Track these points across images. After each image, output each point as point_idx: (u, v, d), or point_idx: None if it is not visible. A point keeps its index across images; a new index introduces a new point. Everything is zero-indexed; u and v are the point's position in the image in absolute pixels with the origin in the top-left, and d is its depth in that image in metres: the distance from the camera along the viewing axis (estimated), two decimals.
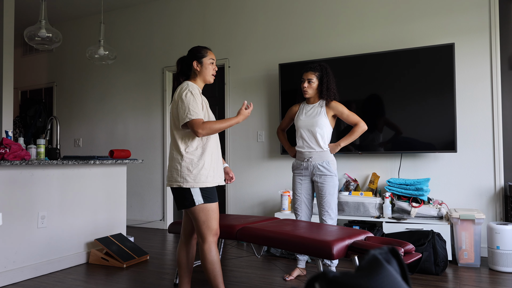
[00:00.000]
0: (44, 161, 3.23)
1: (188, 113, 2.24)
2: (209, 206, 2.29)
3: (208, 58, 2.41)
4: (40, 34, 3.84)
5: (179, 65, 2.46)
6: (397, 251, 0.59)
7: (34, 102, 6.45)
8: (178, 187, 2.30)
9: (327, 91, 3.07)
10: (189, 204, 2.28)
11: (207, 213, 2.29)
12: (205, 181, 2.29)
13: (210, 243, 2.30)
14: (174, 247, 4.29)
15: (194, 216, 2.30)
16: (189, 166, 2.28)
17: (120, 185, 4.05)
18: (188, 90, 2.29)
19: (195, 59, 2.40)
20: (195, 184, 2.27)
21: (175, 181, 2.30)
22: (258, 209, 4.79)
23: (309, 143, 3.07)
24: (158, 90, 5.55)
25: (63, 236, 3.48)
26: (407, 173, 4.04)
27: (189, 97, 2.27)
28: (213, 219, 2.30)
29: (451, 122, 3.73)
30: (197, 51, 2.41)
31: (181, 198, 2.31)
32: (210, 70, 2.42)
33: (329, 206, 3.02)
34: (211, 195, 2.31)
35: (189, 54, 2.44)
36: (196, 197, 2.27)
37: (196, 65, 2.39)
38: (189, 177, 2.27)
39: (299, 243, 2.24)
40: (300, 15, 4.65)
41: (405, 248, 2.14)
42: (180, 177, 2.28)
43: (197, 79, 2.43)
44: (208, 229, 2.30)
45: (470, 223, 3.38)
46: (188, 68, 2.43)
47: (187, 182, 2.27)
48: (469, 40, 3.88)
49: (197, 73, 2.41)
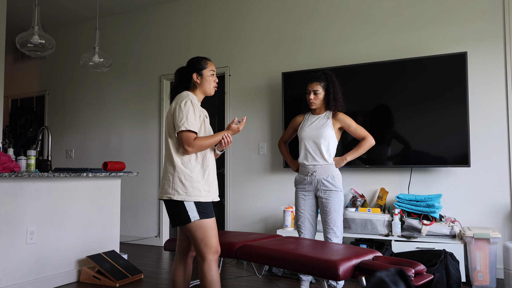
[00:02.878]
0: (34, 173, 3.24)
1: (185, 122, 2.24)
2: (205, 222, 2.28)
3: (208, 70, 2.43)
4: (32, 41, 3.87)
5: (177, 75, 2.48)
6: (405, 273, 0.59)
7: (25, 111, 6.49)
8: (170, 200, 2.29)
9: (335, 101, 3.08)
10: (184, 221, 2.27)
11: (205, 230, 2.28)
12: (199, 195, 2.28)
13: (210, 261, 2.29)
14: (170, 265, 4.27)
15: (190, 234, 2.29)
16: (181, 178, 2.27)
17: (114, 199, 4.05)
18: (188, 99, 2.31)
19: (195, 71, 2.41)
20: (187, 197, 2.26)
21: (166, 193, 2.29)
22: (259, 225, 4.77)
23: (313, 156, 3.07)
24: (155, 99, 5.58)
25: (53, 252, 3.47)
26: (418, 189, 4.03)
27: (188, 106, 2.28)
28: (211, 236, 2.29)
29: (464, 135, 3.73)
30: (197, 63, 2.43)
31: (175, 214, 2.30)
32: (211, 82, 2.44)
33: (334, 223, 3.01)
34: (207, 210, 2.31)
35: (188, 65, 2.45)
36: (191, 213, 2.26)
37: (196, 78, 2.41)
38: (180, 189, 2.26)
39: (302, 262, 2.23)
40: (304, 22, 4.68)
41: (415, 269, 2.12)
42: (172, 188, 2.27)
43: (196, 91, 2.44)
44: (207, 247, 2.28)
45: (485, 243, 3.36)
46: (188, 80, 2.44)
47: (178, 194, 2.26)
48: (483, 48, 3.90)
49: (197, 85, 2.43)
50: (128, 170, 5.65)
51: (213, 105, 5.20)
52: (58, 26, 6.39)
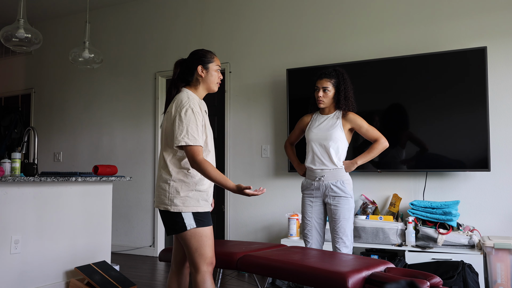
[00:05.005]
0: (19, 178, 3.24)
1: (185, 136, 2.22)
2: (202, 231, 2.29)
3: (214, 64, 2.41)
4: (18, 35, 3.88)
5: (178, 68, 2.43)
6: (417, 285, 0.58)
7: (9, 111, 6.51)
8: (166, 211, 2.31)
9: (345, 100, 3.07)
10: (179, 229, 2.28)
11: (200, 239, 2.28)
12: (196, 205, 2.29)
13: (204, 273, 2.29)
14: (165, 277, 4.27)
15: (185, 242, 2.30)
16: (178, 188, 2.28)
17: (105, 205, 4.05)
18: (188, 107, 2.27)
19: (200, 64, 2.39)
20: (185, 208, 2.27)
21: (162, 203, 2.31)
22: (262, 234, 4.76)
23: (321, 159, 3.07)
24: (149, 98, 5.59)
25: (39, 263, 3.47)
26: (433, 195, 4.02)
27: (189, 116, 2.25)
28: (206, 246, 2.30)
29: (483, 137, 3.73)
30: (203, 55, 2.41)
31: (171, 222, 2.31)
32: (215, 78, 2.43)
33: (344, 232, 3.00)
34: (204, 218, 2.32)
35: (192, 57, 2.42)
36: (187, 221, 2.27)
37: (201, 71, 2.39)
38: (177, 200, 2.27)
39: (309, 274, 2.22)
40: (311, 14, 4.69)
41: (431, 282, 2.11)
42: (168, 199, 2.29)
43: (199, 87, 2.42)
44: (201, 258, 2.29)
45: (506, 253, 3.35)
46: (190, 73, 2.41)
47: (175, 206, 2.27)
48: (504, 43, 3.89)
49: (200, 80, 2.41)
50: (121, 175, 5.64)
51: (212, 104, 5.20)
52: (46, 19, 6.42)
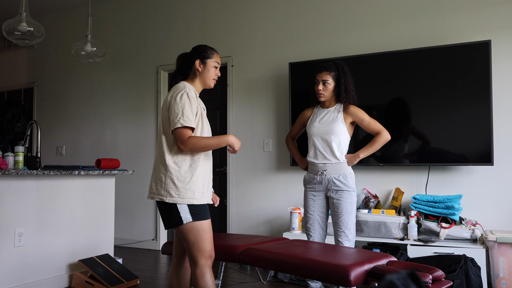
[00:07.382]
0: (22, 171, 3.26)
1: (180, 118, 2.25)
2: (199, 225, 2.30)
3: (213, 60, 2.45)
4: (20, 28, 3.89)
5: (179, 61, 2.50)
6: (417, 275, 0.60)
7: (12, 105, 6.53)
8: (162, 202, 2.32)
9: (346, 93, 3.08)
10: (176, 223, 2.29)
11: (197, 233, 2.29)
12: (193, 197, 2.30)
13: (203, 267, 2.31)
14: (167, 270, 4.30)
15: (183, 236, 2.32)
16: (174, 179, 2.29)
17: (108, 199, 4.08)
18: (184, 91, 2.32)
19: (198, 58, 2.43)
20: (180, 200, 2.28)
21: (158, 194, 2.32)
22: (264, 228, 4.79)
23: (323, 153, 3.08)
24: (151, 92, 5.60)
25: (43, 256, 3.50)
26: (436, 189, 4.03)
27: (184, 100, 2.29)
28: (204, 239, 2.31)
29: (487, 131, 3.73)
30: (203, 50, 2.46)
31: (167, 215, 2.33)
32: (212, 74, 2.46)
33: (346, 226, 3.02)
34: (201, 211, 2.33)
35: (192, 51, 2.48)
36: (183, 214, 2.28)
37: (198, 65, 2.43)
38: (173, 191, 2.28)
39: (311, 267, 2.24)
40: (313, 8, 4.68)
41: (433, 275, 2.13)
42: (164, 190, 2.30)
43: (196, 81, 2.46)
44: (199, 251, 2.30)
45: (509, 247, 3.36)
46: (189, 67, 2.46)
47: (170, 196, 2.28)
48: (508, 36, 3.88)
49: (197, 73, 2.45)
50: (123, 168, 5.67)
51: (214, 98, 5.21)
52: (48, 13, 6.42)
